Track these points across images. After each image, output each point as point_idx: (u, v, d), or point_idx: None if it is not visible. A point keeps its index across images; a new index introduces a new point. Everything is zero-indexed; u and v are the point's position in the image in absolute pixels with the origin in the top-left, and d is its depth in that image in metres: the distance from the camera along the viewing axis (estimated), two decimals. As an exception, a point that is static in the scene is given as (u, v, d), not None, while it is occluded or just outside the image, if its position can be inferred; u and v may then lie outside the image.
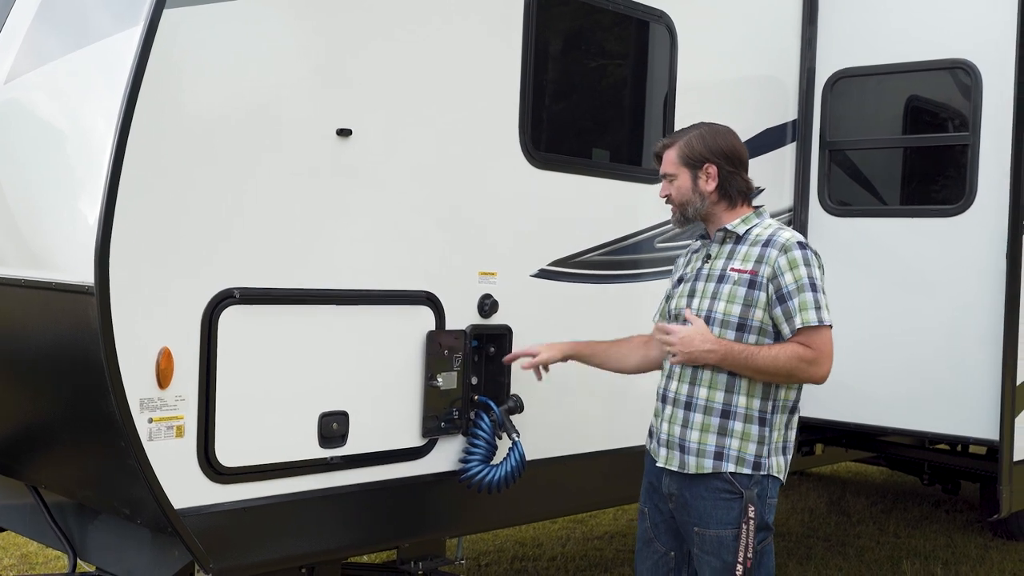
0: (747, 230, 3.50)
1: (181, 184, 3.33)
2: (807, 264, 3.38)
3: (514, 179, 4.31)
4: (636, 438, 4.87)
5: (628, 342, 3.89)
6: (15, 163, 3.60)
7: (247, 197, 3.50)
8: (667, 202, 3.65)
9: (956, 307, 5.36)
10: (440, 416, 4.04)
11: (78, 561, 3.95)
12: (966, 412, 5.34)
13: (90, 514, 3.95)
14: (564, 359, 3.90)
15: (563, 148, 4.59)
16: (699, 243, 3.68)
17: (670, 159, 3.59)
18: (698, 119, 4.97)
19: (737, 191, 3.54)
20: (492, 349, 4.23)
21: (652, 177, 4.89)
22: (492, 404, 4.16)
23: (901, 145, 5.84)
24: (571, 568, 6.39)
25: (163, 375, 3.28)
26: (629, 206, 4.80)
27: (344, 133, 3.70)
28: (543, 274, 4.43)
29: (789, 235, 3.45)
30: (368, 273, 3.84)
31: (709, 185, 3.52)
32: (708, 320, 3.43)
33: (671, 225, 4.97)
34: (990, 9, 5.30)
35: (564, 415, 4.54)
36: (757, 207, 3.59)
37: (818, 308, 3.34)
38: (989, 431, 5.25)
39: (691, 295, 3.53)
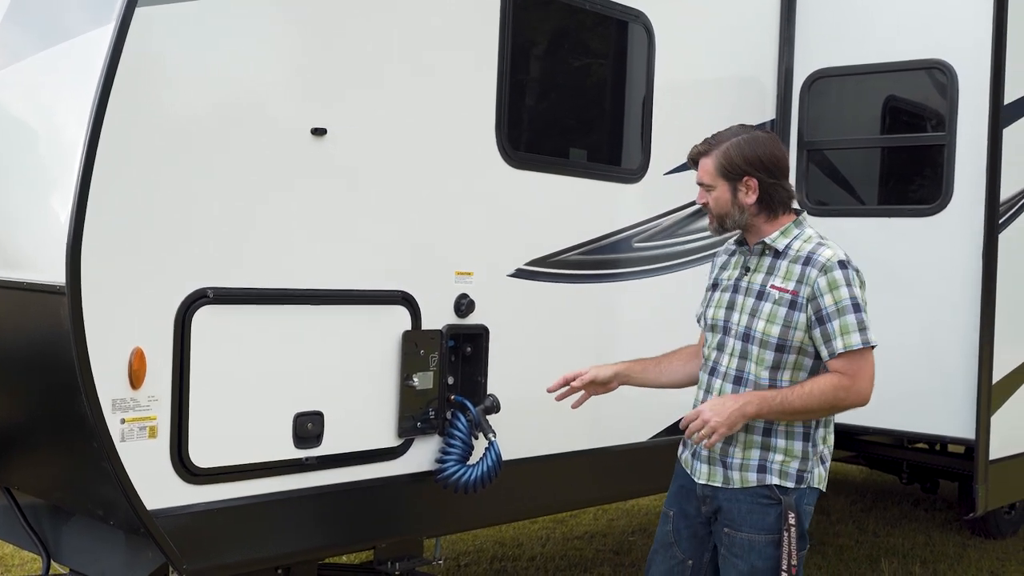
0: (787, 244, 3.33)
1: (154, 183, 3.32)
2: (848, 284, 3.23)
3: (491, 179, 4.31)
4: (615, 438, 4.89)
5: (677, 355, 3.69)
6: (-13, 162, 3.57)
7: (221, 196, 3.48)
8: (704, 209, 3.47)
9: (933, 306, 5.38)
10: (416, 416, 4.03)
11: (52, 563, 3.92)
12: (943, 411, 5.37)
13: (64, 515, 3.92)
14: (613, 380, 3.62)
15: (540, 148, 4.59)
16: (734, 247, 3.52)
17: (707, 169, 3.38)
18: (676, 119, 5.04)
19: (778, 201, 3.36)
20: (468, 349, 4.23)
21: (630, 177, 4.91)
22: (469, 404, 4.15)
23: (878, 145, 5.87)
24: (551, 568, 6.38)
25: (135, 375, 3.26)
26: (606, 206, 4.80)
27: (319, 132, 3.69)
28: (520, 274, 4.42)
29: (831, 253, 3.27)
30: (343, 273, 3.82)
31: (749, 198, 3.33)
32: (747, 338, 3.31)
33: (651, 225, 5.08)
34: (966, 10, 5.33)
35: (542, 415, 4.53)
36: (798, 212, 3.43)
37: (861, 330, 3.21)
38: (966, 430, 5.28)
39: (730, 307, 3.39)
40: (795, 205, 3.45)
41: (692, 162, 3.46)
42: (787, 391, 3.24)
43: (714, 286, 3.51)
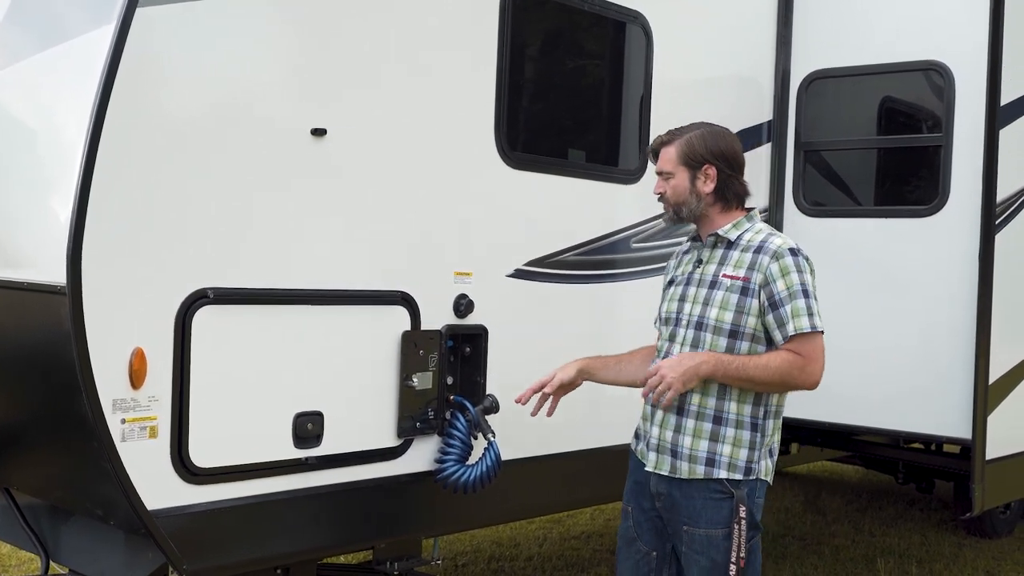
0: (739, 235, 3.46)
1: (154, 183, 3.32)
2: (799, 271, 3.37)
3: (490, 179, 4.31)
4: (613, 438, 4.89)
5: (636, 355, 3.76)
6: (-13, 162, 3.57)
7: (221, 196, 3.48)
8: (660, 200, 3.58)
9: (930, 307, 5.38)
10: (415, 416, 4.04)
11: (51, 563, 3.92)
12: (939, 411, 5.37)
13: (63, 515, 3.93)
14: (577, 377, 3.71)
15: (539, 148, 4.59)
16: (688, 245, 3.64)
17: (668, 157, 3.52)
18: (674, 120, 5.00)
19: (733, 194, 3.50)
20: (468, 349, 4.23)
21: (628, 177, 4.92)
22: (468, 404, 4.16)
23: (875, 146, 5.87)
24: (548, 568, 6.39)
25: (136, 375, 3.26)
26: (605, 206, 4.81)
27: (319, 133, 3.69)
28: (519, 274, 4.43)
29: (781, 241, 3.42)
30: (343, 273, 3.83)
31: (707, 187, 3.47)
32: (701, 326, 3.41)
33: (649, 226, 5.09)
34: (963, 11, 5.33)
35: (540, 415, 4.53)
36: (749, 210, 3.55)
37: (810, 315, 3.34)
38: (962, 430, 5.28)
39: (682, 299, 3.50)
40: (748, 204, 3.58)
41: (653, 153, 3.60)
42: (745, 358, 3.34)
43: (670, 283, 3.63)
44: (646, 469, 3.50)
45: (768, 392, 3.39)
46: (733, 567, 3.34)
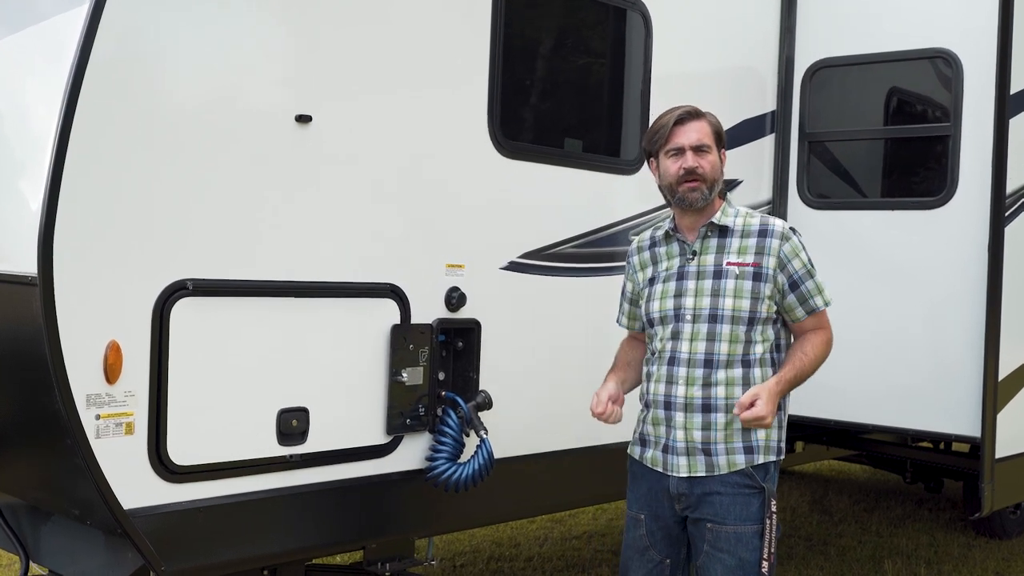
0: (732, 221, 3.39)
1: (131, 171, 3.20)
2: (804, 248, 3.40)
3: (483, 169, 4.20)
4: (609, 435, 4.76)
5: (630, 360, 3.65)
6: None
7: (202, 184, 3.36)
8: (690, 176, 3.34)
9: (937, 301, 5.28)
10: (405, 413, 3.92)
11: (31, 564, 3.83)
12: (948, 409, 5.27)
13: (43, 516, 3.82)
14: (618, 388, 3.52)
15: (534, 137, 4.48)
16: (649, 240, 3.55)
17: (706, 131, 3.38)
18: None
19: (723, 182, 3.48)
20: (460, 343, 4.12)
21: (626, 167, 4.80)
22: (460, 400, 4.04)
23: (881, 136, 5.75)
24: (548, 568, 6.29)
25: (111, 370, 3.15)
26: (602, 197, 4.69)
27: (303, 119, 3.58)
28: (513, 266, 4.31)
29: (781, 223, 3.42)
30: (330, 264, 3.71)
31: (723, 170, 3.43)
32: (715, 318, 3.31)
33: (649, 217, 4.96)
34: (971, -2, 5.22)
35: (534, 412, 4.43)
36: (724, 196, 3.50)
37: (823, 290, 3.40)
38: (971, 428, 5.17)
39: (680, 295, 3.38)
40: (730, 194, 3.56)
41: (679, 123, 3.38)
42: (794, 365, 3.31)
43: (651, 281, 3.48)
44: (676, 476, 3.34)
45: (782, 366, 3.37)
46: (765, 564, 3.25)
